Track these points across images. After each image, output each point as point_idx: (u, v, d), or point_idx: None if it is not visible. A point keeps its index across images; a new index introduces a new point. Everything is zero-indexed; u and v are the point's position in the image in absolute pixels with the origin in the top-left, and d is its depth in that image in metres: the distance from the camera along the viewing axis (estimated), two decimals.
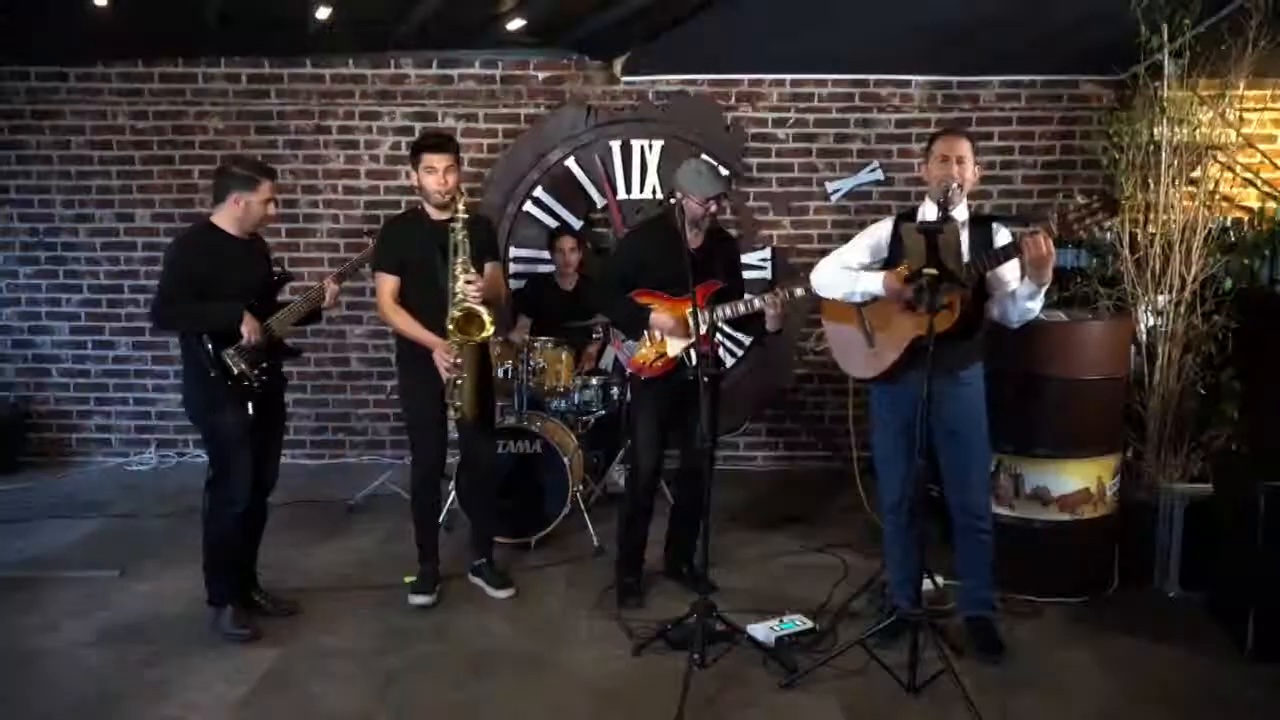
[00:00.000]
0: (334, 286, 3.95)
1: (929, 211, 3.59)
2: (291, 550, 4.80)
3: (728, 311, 3.99)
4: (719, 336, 4.15)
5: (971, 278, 3.34)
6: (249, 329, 3.67)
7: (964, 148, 3.52)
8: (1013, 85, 6.18)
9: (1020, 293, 3.42)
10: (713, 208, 3.96)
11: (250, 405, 3.73)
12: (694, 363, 3.45)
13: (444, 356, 3.95)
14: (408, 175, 4.13)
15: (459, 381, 3.98)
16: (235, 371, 3.69)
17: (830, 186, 6.27)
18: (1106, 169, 4.65)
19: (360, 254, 4.25)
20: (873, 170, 6.24)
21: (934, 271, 3.14)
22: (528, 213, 6.18)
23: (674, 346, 4.04)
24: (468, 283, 3.90)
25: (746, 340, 6.19)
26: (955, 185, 3.43)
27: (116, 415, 6.54)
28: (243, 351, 3.70)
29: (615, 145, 6.13)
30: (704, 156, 4.06)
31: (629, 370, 4.16)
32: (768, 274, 6.25)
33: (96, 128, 6.25)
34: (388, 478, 5.57)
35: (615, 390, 5.29)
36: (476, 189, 6.10)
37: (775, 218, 6.32)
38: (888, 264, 3.66)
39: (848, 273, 3.66)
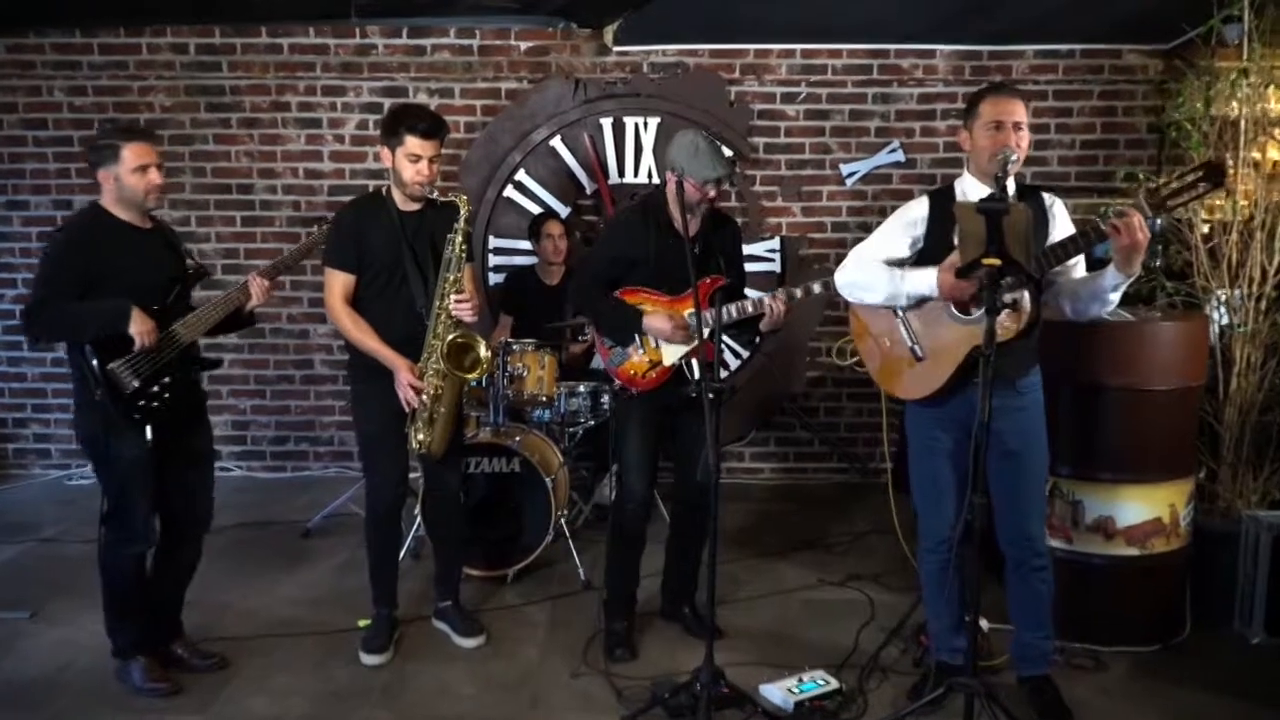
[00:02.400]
0: (261, 283, 3.30)
1: (970, 188, 2.98)
2: (231, 586, 4.17)
3: (733, 312, 3.36)
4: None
5: (1040, 268, 2.74)
6: (139, 329, 3.02)
7: (1020, 110, 2.90)
8: (1049, 55, 5.57)
9: (1105, 284, 2.80)
10: (711, 193, 3.33)
11: (149, 431, 3.08)
12: (696, 376, 2.84)
13: (411, 382, 3.30)
14: (378, 156, 3.46)
15: (434, 416, 3.36)
16: (127, 390, 3.04)
17: (845, 169, 5.67)
18: (1178, 144, 4.01)
19: (298, 245, 3.58)
20: (892, 151, 5.64)
21: (996, 261, 2.52)
22: (509, 199, 5.58)
23: (670, 354, 3.42)
24: (459, 302, 3.28)
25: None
26: (1015, 157, 2.80)
27: (55, 424, 5.91)
28: (135, 363, 3.05)
29: (606, 123, 5.53)
30: (701, 131, 3.37)
31: (616, 383, 3.54)
32: (775, 266, 5.64)
33: (30, 105, 5.64)
34: (349, 497, 4.93)
35: (606, 398, 4.67)
36: (452, 172, 5.50)
37: (784, 204, 5.71)
38: (925, 252, 3.03)
39: (887, 270, 3.00)
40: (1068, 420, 3.45)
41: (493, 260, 5.63)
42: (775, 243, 5.64)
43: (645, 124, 5.51)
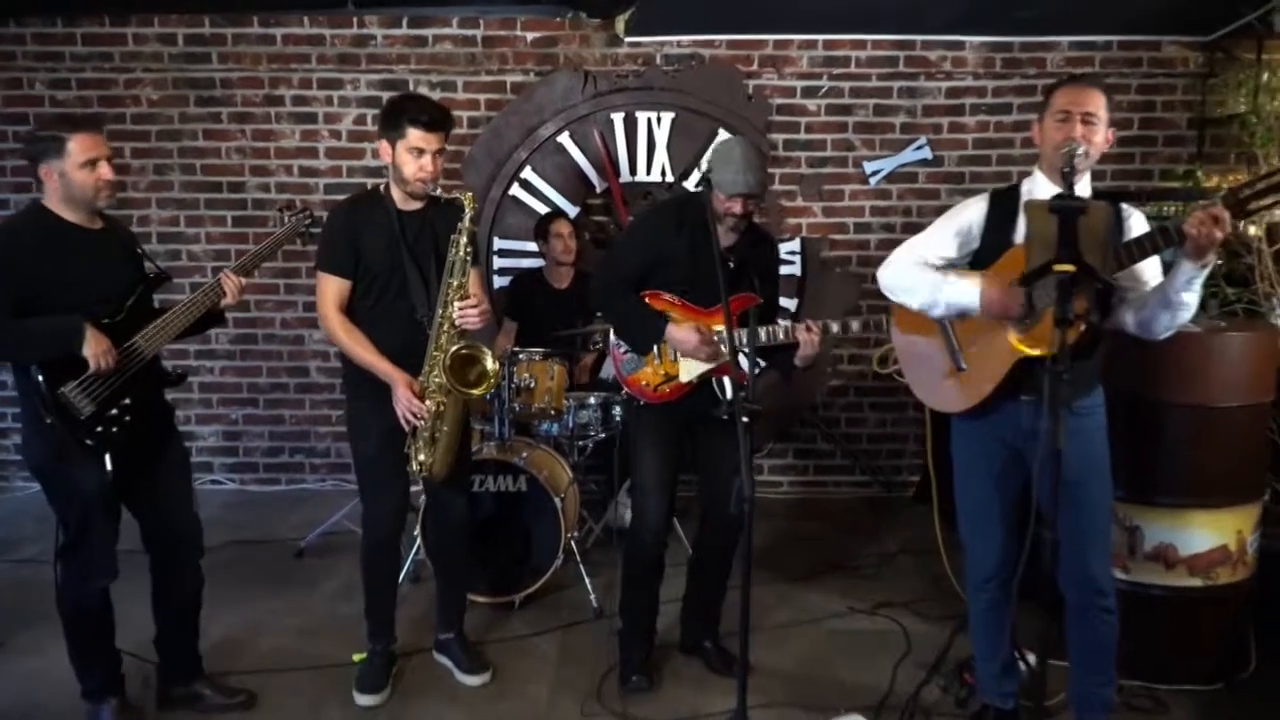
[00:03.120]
0: (236, 280, 2.99)
1: (1039, 188, 2.70)
2: (218, 613, 3.81)
3: (762, 337, 3.08)
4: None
5: (1119, 264, 2.47)
6: (94, 350, 2.69)
7: (1095, 101, 2.62)
8: (1084, 47, 5.26)
9: (1176, 283, 2.50)
10: (735, 209, 3.04)
11: (109, 459, 2.76)
12: (728, 396, 2.55)
13: (410, 399, 3.01)
14: (376, 153, 3.16)
15: (436, 435, 3.07)
16: (81, 416, 2.72)
17: (869, 167, 5.37)
18: (1220, 141, 3.73)
19: (271, 238, 3.25)
20: (919, 148, 5.34)
21: (1070, 267, 2.23)
22: (514, 198, 5.29)
23: (687, 371, 3.15)
24: (464, 309, 3.00)
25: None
26: (1081, 151, 2.52)
27: None
28: (90, 386, 2.73)
29: (617, 118, 5.23)
30: (749, 142, 3.08)
31: (624, 391, 3.25)
32: (796, 269, 5.35)
33: (9, 98, 5.34)
34: (345, 514, 4.63)
35: (618, 409, 4.38)
36: (455, 170, 5.22)
37: (804, 203, 5.41)
38: (978, 258, 2.76)
39: (929, 273, 2.74)
40: (1125, 440, 3.12)
41: (497, 263, 5.34)
42: (795, 244, 5.34)
43: (658, 119, 5.21)
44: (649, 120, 5.22)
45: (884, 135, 5.36)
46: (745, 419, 2.34)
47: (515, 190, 5.28)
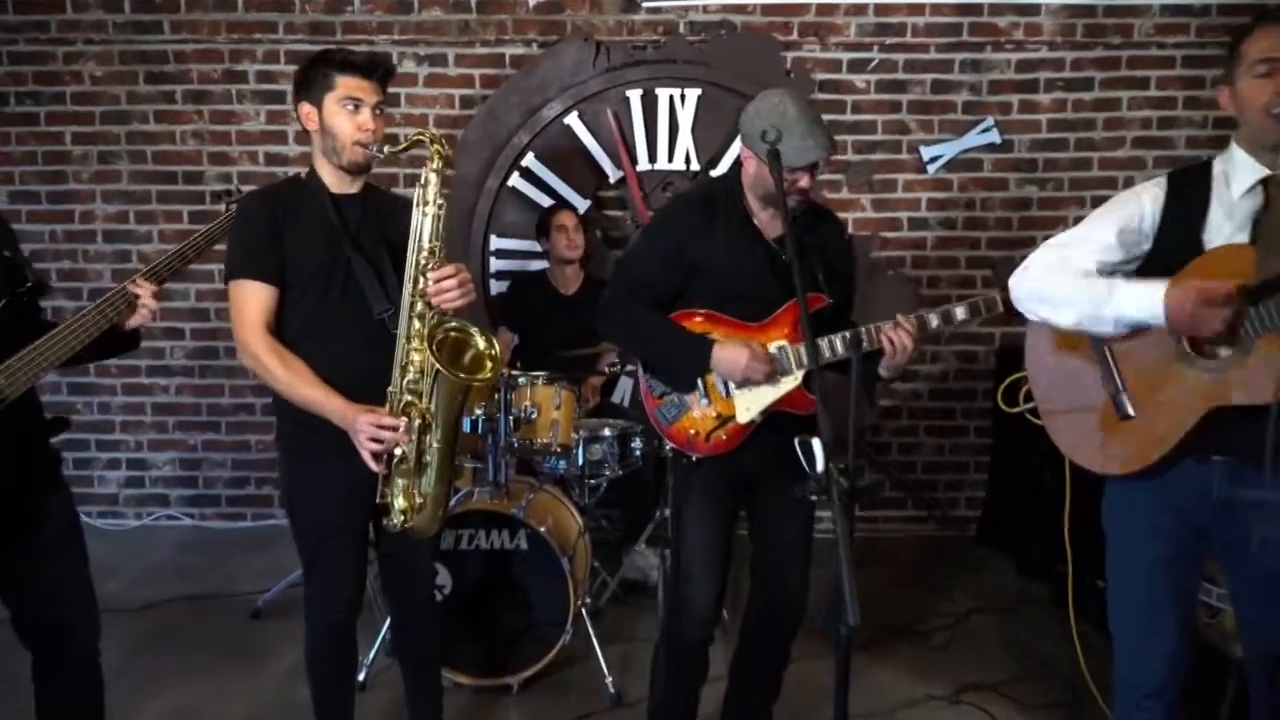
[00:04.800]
0: (148, 290, 2.27)
1: (1238, 168, 2.03)
2: (150, 696, 3.15)
3: (839, 347, 2.36)
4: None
5: None
6: None
7: None
8: (1178, 12, 4.57)
9: None
10: (802, 182, 2.34)
11: None
12: (816, 465, 1.81)
13: (376, 421, 2.24)
14: (299, 116, 2.45)
15: (425, 457, 2.29)
16: None
17: (927, 153, 4.67)
18: None
19: (197, 234, 2.52)
20: (985, 131, 4.63)
21: None
22: (514, 189, 4.57)
23: (746, 406, 2.40)
24: (441, 281, 2.25)
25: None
26: None
27: None
28: None
29: (634, 96, 4.52)
30: (789, 93, 2.36)
31: (668, 446, 2.50)
32: None
33: None
34: None
35: (638, 442, 3.65)
36: (446, 156, 4.47)
37: (851, 195, 4.72)
38: (1154, 259, 2.05)
39: (1088, 279, 2.02)
40: None
41: (495, 264, 4.62)
42: None
43: (682, 97, 4.50)
44: (671, 98, 4.51)
45: (944, 116, 4.67)
46: (844, 501, 1.59)
47: (515, 180, 4.56)
